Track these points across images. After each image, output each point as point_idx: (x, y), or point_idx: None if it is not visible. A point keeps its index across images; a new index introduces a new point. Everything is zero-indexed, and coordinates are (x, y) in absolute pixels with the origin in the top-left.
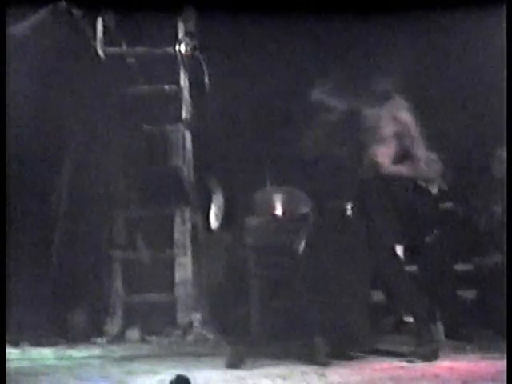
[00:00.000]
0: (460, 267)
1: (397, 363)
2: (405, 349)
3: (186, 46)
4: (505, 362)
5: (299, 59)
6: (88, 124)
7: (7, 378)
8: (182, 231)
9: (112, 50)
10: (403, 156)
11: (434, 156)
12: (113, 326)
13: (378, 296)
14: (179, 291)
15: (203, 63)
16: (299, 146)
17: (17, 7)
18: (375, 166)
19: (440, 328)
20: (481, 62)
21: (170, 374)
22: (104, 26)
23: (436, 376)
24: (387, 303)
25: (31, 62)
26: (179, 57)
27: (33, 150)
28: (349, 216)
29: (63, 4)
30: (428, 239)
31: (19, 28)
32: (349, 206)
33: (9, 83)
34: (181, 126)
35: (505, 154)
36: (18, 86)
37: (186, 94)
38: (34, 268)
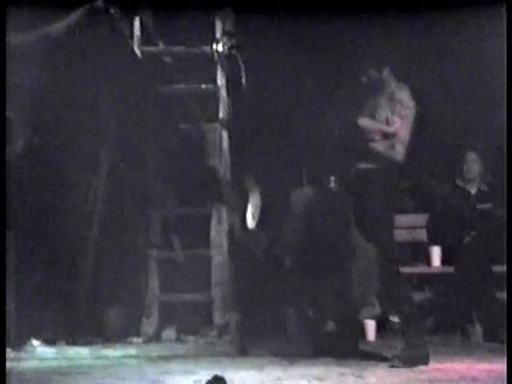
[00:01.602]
0: (499, 269)
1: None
2: (389, 352)
3: (223, 45)
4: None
5: (336, 58)
6: (125, 123)
7: (43, 376)
8: (218, 231)
9: (149, 49)
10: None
11: (473, 156)
12: (149, 325)
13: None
14: (216, 291)
15: (240, 62)
16: None
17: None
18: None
19: (478, 330)
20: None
21: (206, 375)
22: (141, 25)
23: (474, 379)
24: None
25: (68, 62)
26: (216, 56)
27: (69, 148)
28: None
29: (100, 3)
30: (466, 240)
31: (56, 27)
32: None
33: (46, 81)
34: (218, 126)
35: None
36: (55, 85)
37: (223, 93)
38: (70, 267)
